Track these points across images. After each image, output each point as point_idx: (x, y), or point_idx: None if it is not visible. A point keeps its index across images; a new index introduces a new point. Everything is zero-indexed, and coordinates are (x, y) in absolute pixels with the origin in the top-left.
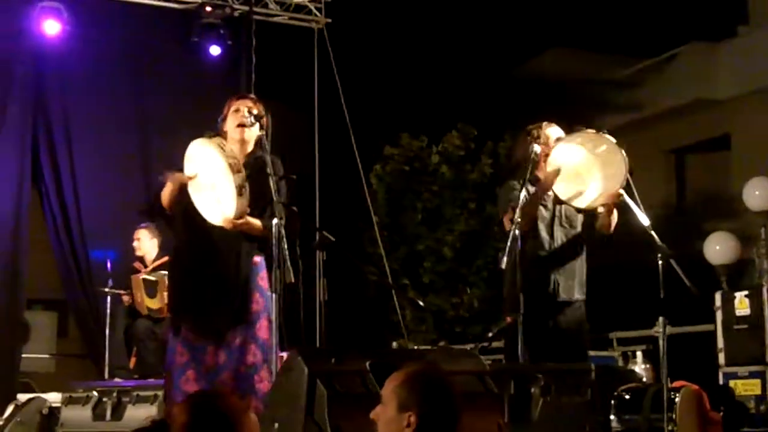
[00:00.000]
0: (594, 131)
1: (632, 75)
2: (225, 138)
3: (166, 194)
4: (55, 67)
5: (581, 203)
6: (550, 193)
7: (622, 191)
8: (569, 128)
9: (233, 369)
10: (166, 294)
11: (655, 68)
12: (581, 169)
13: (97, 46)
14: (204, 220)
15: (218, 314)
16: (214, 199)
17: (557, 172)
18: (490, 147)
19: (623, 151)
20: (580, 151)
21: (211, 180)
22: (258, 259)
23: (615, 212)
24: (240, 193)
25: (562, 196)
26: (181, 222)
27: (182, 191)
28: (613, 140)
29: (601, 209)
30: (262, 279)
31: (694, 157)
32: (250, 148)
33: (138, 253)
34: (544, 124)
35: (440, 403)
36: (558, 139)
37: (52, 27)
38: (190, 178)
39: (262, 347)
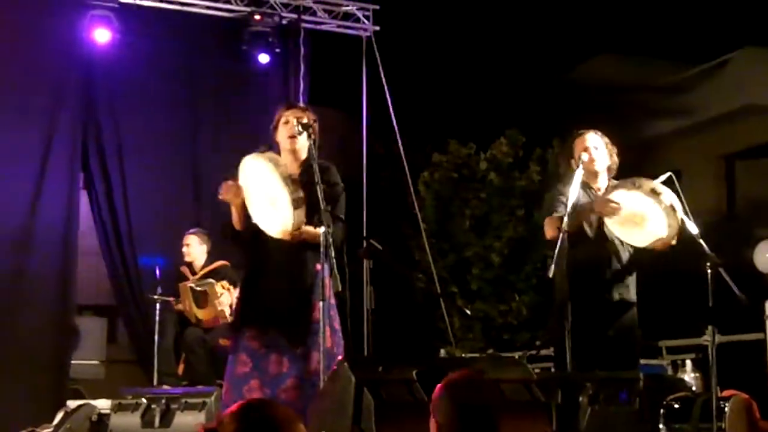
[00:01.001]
0: (653, 185)
1: (682, 81)
2: (277, 148)
3: (235, 214)
4: (106, 75)
5: (632, 242)
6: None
7: (674, 242)
8: (619, 135)
9: (297, 376)
10: (217, 303)
11: (706, 74)
12: (637, 215)
13: (146, 54)
14: (264, 234)
15: (282, 323)
16: (271, 212)
17: (617, 209)
18: (539, 154)
19: (679, 202)
20: (638, 198)
21: (267, 194)
22: (320, 267)
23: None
24: (296, 207)
25: (617, 234)
26: (249, 235)
27: (245, 207)
28: (670, 197)
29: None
30: (326, 287)
31: (745, 163)
32: (303, 155)
33: (187, 258)
34: (581, 131)
35: (466, 413)
36: (617, 186)
37: (102, 35)
38: (239, 195)
39: (324, 354)
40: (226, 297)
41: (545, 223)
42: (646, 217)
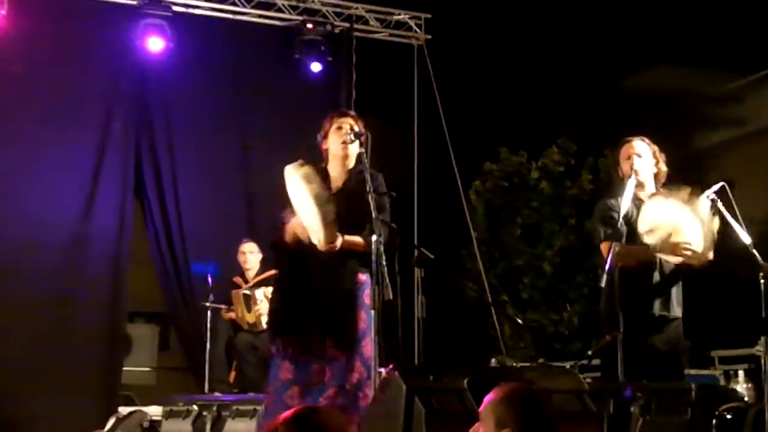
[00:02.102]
0: (689, 192)
1: (736, 90)
2: (325, 155)
3: (292, 235)
4: (159, 83)
5: (669, 259)
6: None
7: (711, 256)
8: (672, 145)
9: (338, 386)
10: (257, 308)
11: (760, 83)
12: (673, 227)
13: (199, 62)
14: (307, 240)
15: (324, 332)
16: (308, 224)
17: (670, 241)
18: (591, 162)
19: (716, 215)
20: (674, 208)
21: (302, 208)
22: (364, 277)
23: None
24: (326, 226)
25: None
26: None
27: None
28: (708, 203)
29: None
30: (368, 297)
31: None
32: (352, 163)
33: (247, 266)
34: (628, 138)
35: (537, 421)
36: (653, 195)
37: (155, 44)
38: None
39: (366, 364)
40: (264, 305)
41: (602, 248)
42: (680, 229)
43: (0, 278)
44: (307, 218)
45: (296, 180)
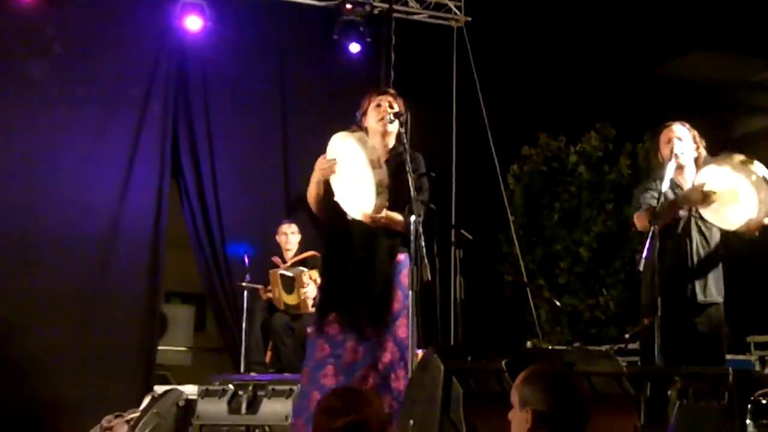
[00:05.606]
0: (743, 158)
1: None
2: (366, 132)
3: (312, 192)
4: (197, 63)
5: (723, 225)
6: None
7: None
8: (713, 132)
9: (371, 366)
10: (304, 290)
11: None
12: (728, 193)
13: (238, 43)
14: (346, 216)
15: (359, 310)
16: (354, 193)
17: (707, 194)
18: (629, 148)
19: None
20: (728, 175)
21: (352, 173)
22: (402, 256)
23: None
24: (378, 192)
25: (705, 216)
26: (327, 218)
27: (327, 186)
28: (762, 169)
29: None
30: (405, 276)
31: None
32: (392, 142)
33: (287, 246)
34: (668, 123)
35: (562, 399)
36: (707, 162)
37: (194, 23)
38: (333, 170)
39: (399, 345)
40: (312, 289)
41: (635, 218)
42: (736, 194)
43: (37, 260)
44: (352, 188)
45: (350, 143)
